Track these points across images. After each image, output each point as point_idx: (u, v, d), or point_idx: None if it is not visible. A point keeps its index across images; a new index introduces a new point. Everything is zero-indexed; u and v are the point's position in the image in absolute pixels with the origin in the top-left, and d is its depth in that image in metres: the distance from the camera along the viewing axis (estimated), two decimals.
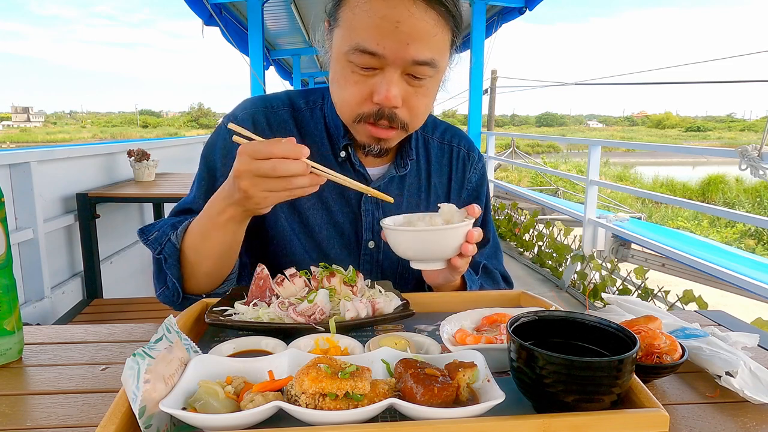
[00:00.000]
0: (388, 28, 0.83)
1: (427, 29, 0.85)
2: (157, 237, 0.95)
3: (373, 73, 0.88)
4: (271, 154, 0.76)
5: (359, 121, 0.92)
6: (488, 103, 15.41)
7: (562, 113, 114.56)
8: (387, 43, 0.84)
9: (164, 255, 0.93)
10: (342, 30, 0.88)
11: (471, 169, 1.18)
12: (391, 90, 0.87)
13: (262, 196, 0.79)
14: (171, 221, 0.99)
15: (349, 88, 0.90)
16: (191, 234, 0.93)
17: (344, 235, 1.06)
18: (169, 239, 0.94)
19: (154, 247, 0.95)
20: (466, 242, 0.85)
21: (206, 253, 0.92)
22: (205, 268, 0.94)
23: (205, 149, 1.06)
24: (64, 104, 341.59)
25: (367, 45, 0.84)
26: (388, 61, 0.85)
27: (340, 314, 0.81)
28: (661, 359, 0.70)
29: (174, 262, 0.93)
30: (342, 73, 0.90)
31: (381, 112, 0.90)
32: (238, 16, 6.13)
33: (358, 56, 0.86)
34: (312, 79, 13.85)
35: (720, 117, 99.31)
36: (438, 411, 0.54)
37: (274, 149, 0.76)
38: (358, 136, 0.98)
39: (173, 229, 0.95)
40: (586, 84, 18.08)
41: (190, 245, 0.93)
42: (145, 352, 0.55)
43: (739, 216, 5.82)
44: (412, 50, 0.84)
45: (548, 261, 5.21)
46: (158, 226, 0.98)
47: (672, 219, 12.57)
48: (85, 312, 2.59)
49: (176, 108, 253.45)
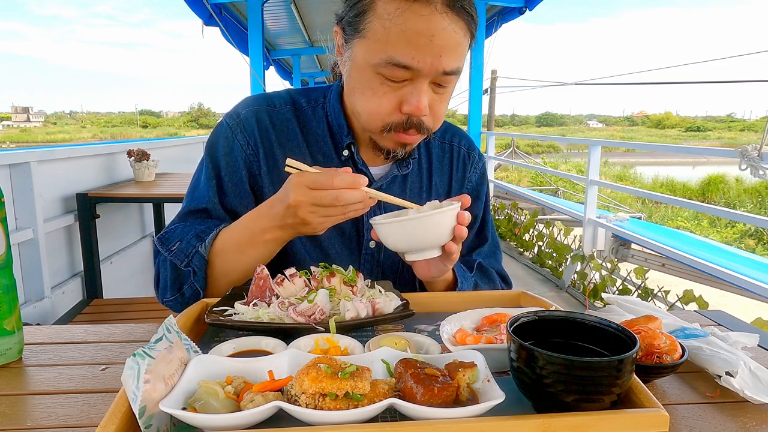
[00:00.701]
0: (423, 43, 0.83)
1: (457, 40, 0.86)
2: (183, 248, 0.94)
3: (403, 84, 0.89)
4: (332, 186, 0.79)
5: (389, 131, 0.93)
6: (488, 103, 15.42)
7: (562, 113, 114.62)
8: (422, 57, 0.84)
9: (193, 267, 0.93)
10: (370, 42, 0.87)
11: (471, 168, 1.18)
12: (422, 101, 0.88)
13: (320, 221, 0.84)
14: (194, 230, 0.97)
15: (377, 99, 0.90)
16: (222, 246, 0.93)
17: (345, 235, 1.06)
18: (197, 251, 0.93)
19: (180, 259, 0.94)
20: (458, 224, 0.85)
21: (237, 266, 0.94)
22: (232, 278, 0.95)
23: (208, 148, 1.05)
24: (64, 104, 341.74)
25: (402, 59, 0.84)
26: (422, 73, 0.86)
27: (340, 314, 0.81)
28: (661, 359, 0.70)
29: (203, 275, 0.94)
30: (369, 84, 0.90)
31: (410, 122, 0.91)
32: (238, 16, 6.13)
33: (390, 69, 0.86)
34: (312, 79, 13.84)
35: (720, 117, 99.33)
36: (438, 411, 0.54)
37: (335, 182, 0.78)
38: (383, 143, 0.98)
39: (199, 240, 0.94)
40: (586, 84, 18.07)
41: (220, 257, 0.94)
42: (145, 352, 0.55)
43: (739, 216, 5.81)
44: (444, 62, 0.85)
45: (548, 261, 5.21)
46: (179, 234, 0.97)
47: (672, 219, 12.57)
48: (85, 312, 2.59)
49: (176, 108, 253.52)
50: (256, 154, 1.03)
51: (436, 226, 0.83)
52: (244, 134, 1.02)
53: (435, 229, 0.84)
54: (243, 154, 1.02)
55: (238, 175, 1.02)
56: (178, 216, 1.04)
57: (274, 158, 1.03)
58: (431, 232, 0.84)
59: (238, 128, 1.03)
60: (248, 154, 1.03)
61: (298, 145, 1.04)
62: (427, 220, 0.82)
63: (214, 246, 0.94)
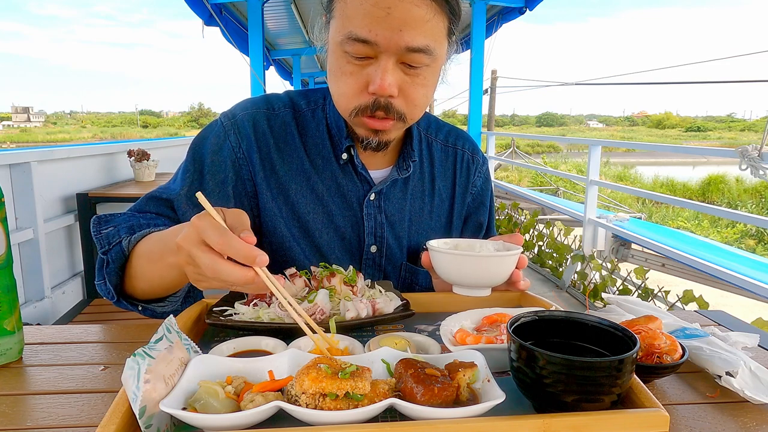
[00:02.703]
0: (379, 15, 0.82)
1: (420, 15, 0.84)
2: (109, 234, 0.89)
3: (368, 63, 0.87)
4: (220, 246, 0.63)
5: (357, 114, 0.91)
6: (488, 103, 15.43)
7: (562, 113, 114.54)
8: (379, 30, 0.83)
9: (108, 258, 0.88)
10: (336, 21, 0.88)
11: (475, 173, 1.17)
12: (385, 78, 0.85)
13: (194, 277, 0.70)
14: (131, 220, 0.92)
15: (344, 79, 0.89)
16: (142, 250, 0.85)
17: (345, 239, 1.04)
18: (120, 242, 0.87)
19: (101, 244, 0.89)
20: (516, 269, 0.86)
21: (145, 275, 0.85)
22: (142, 287, 0.88)
23: (195, 142, 1.02)
24: (64, 104, 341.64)
25: (359, 32, 0.83)
26: (382, 48, 0.84)
27: (341, 314, 0.81)
28: (661, 359, 0.70)
29: (115, 268, 0.87)
30: (337, 64, 0.89)
31: (377, 103, 0.88)
32: (238, 16, 6.13)
33: (351, 45, 0.85)
34: (312, 79, 13.83)
35: (720, 117, 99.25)
36: (438, 411, 0.54)
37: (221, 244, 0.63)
38: (357, 130, 0.96)
39: (129, 232, 0.88)
40: (586, 84, 18.07)
41: (138, 258, 0.86)
42: (145, 352, 0.55)
43: (739, 216, 5.81)
44: (406, 36, 0.83)
45: (548, 261, 5.21)
46: (117, 221, 0.92)
47: (672, 219, 12.56)
48: (85, 312, 2.59)
49: (176, 108, 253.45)
50: (247, 159, 1.00)
51: (495, 267, 0.81)
52: (238, 136, 1.00)
53: (494, 270, 0.81)
54: (233, 156, 1.00)
55: (222, 175, 0.99)
56: (140, 199, 1.00)
57: (272, 163, 1.01)
58: (489, 273, 0.82)
59: (232, 129, 1.01)
60: (239, 157, 1.00)
61: (296, 149, 1.02)
62: (488, 261, 0.80)
63: (138, 246, 0.87)
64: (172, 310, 0.93)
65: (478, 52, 5.93)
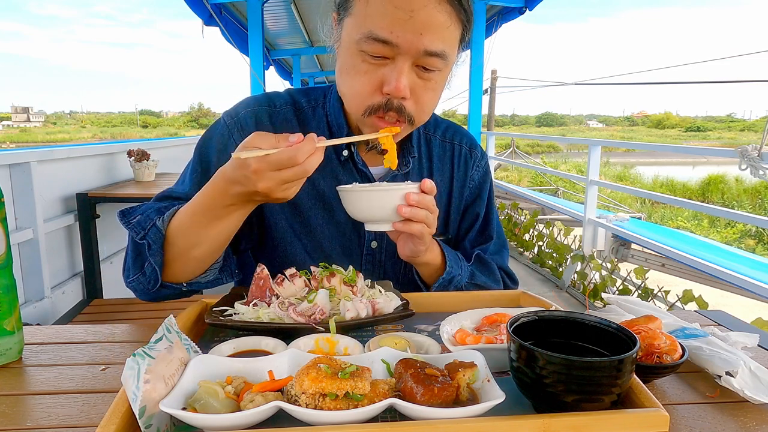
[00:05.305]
0: (402, 17, 0.83)
1: (441, 20, 0.85)
2: (141, 221, 0.91)
3: (384, 63, 0.88)
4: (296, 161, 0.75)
5: (368, 114, 0.92)
6: (488, 103, 15.44)
7: (562, 113, 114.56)
8: (400, 32, 0.84)
9: (148, 240, 0.90)
10: (354, 18, 0.88)
11: (473, 167, 1.18)
12: (401, 80, 0.87)
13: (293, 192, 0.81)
14: (155, 206, 0.95)
15: (359, 77, 0.90)
16: (181, 220, 0.90)
17: (346, 235, 1.06)
18: (154, 224, 0.90)
19: (136, 231, 0.91)
20: (403, 204, 0.86)
21: (199, 240, 0.89)
22: (198, 254, 0.91)
23: (201, 142, 1.04)
24: (64, 104, 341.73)
25: (380, 33, 0.84)
26: (401, 50, 0.85)
27: (340, 314, 0.81)
28: (661, 359, 0.70)
29: (158, 248, 0.90)
30: (352, 62, 0.90)
31: (390, 104, 0.89)
32: (238, 16, 6.13)
33: (370, 44, 0.86)
34: (312, 79, 13.83)
35: (720, 117, 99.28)
36: (438, 411, 0.54)
37: (298, 157, 0.75)
38: (365, 130, 0.97)
39: (159, 214, 0.91)
40: (586, 84, 18.08)
41: (179, 232, 0.89)
42: (145, 352, 0.55)
43: (739, 216, 5.81)
44: (425, 40, 0.85)
45: (548, 261, 5.21)
46: (142, 209, 0.94)
47: (672, 219, 12.57)
48: (85, 312, 2.59)
49: (176, 108, 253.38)
50: None
51: (379, 201, 0.87)
52: (242, 134, 1.01)
53: (380, 204, 0.87)
54: None
55: None
56: (151, 200, 1.02)
57: None
58: (378, 207, 0.87)
59: (235, 128, 1.02)
60: None
61: None
62: (372, 195, 0.87)
63: (172, 222, 0.90)
64: (214, 279, 0.97)
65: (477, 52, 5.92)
